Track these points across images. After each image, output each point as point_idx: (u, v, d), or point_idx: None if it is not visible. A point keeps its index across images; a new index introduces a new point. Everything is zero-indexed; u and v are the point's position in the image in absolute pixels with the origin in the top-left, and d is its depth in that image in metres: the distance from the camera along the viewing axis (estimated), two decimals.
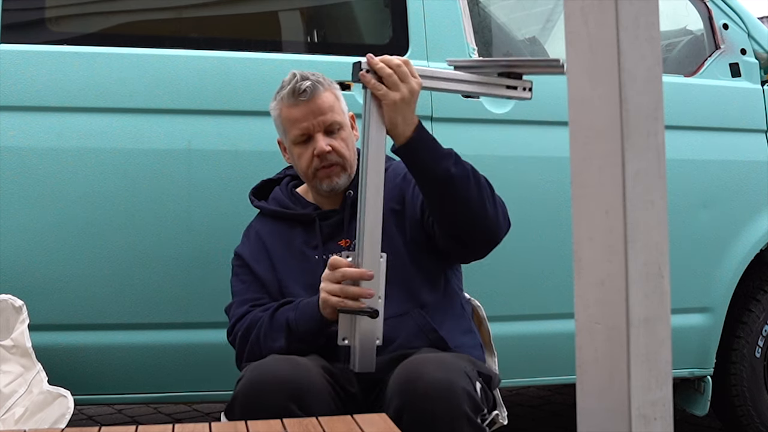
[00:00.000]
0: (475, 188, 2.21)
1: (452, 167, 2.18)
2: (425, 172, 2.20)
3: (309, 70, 2.44)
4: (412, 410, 1.95)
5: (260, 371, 2.07)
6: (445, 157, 2.19)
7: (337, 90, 2.45)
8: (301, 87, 2.36)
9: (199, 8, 3.12)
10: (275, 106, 2.44)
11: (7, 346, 2.49)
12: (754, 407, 3.46)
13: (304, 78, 2.37)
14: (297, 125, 2.39)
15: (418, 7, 3.05)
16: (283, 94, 2.40)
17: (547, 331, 3.14)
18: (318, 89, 2.37)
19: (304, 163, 2.40)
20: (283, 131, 2.45)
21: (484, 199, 2.23)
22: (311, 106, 2.37)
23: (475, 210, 2.22)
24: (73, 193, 2.73)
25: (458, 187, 2.19)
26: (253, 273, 2.41)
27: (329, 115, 2.38)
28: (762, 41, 3.48)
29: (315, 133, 2.38)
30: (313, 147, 2.37)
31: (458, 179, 2.18)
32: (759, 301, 3.45)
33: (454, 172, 2.18)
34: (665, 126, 1.30)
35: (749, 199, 3.38)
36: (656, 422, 1.30)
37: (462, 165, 2.21)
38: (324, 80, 2.41)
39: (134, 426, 1.66)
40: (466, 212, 2.22)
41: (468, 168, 2.22)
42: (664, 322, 1.30)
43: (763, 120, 3.42)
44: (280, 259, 2.40)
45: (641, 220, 1.28)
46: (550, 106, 3.13)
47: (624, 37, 1.27)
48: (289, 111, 2.39)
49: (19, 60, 2.72)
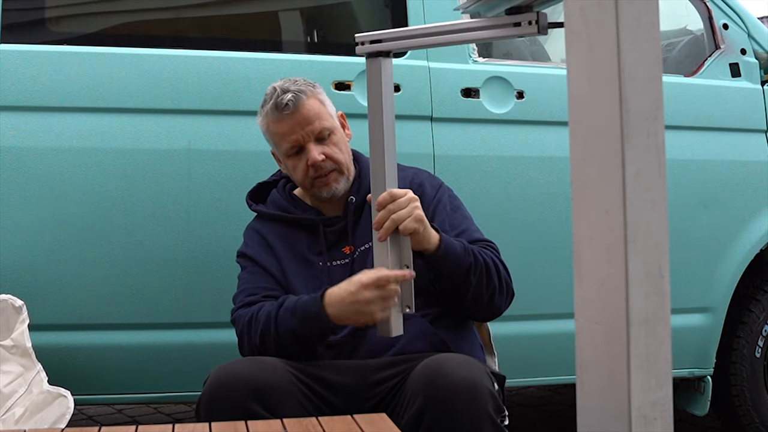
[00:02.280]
0: (485, 280, 2.25)
1: (471, 264, 2.22)
2: (449, 278, 2.23)
3: (291, 77, 2.43)
4: (435, 408, 1.94)
5: (223, 372, 2.07)
6: (464, 255, 2.22)
7: (321, 94, 2.43)
8: (282, 101, 2.34)
9: (198, 8, 3.12)
10: (261, 121, 2.43)
11: (7, 346, 2.49)
12: (754, 407, 3.46)
13: (284, 91, 2.35)
14: (286, 138, 2.38)
15: (418, 7, 3.05)
16: (267, 109, 2.39)
17: (546, 331, 3.15)
18: (300, 99, 2.35)
19: (300, 174, 2.40)
20: (274, 144, 2.44)
21: (494, 290, 2.28)
22: (297, 117, 2.35)
23: (484, 302, 2.28)
24: (73, 193, 2.73)
25: (472, 282, 2.23)
26: (260, 265, 2.40)
27: (317, 123, 2.37)
28: (762, 41, 3.48)
29: (306, 144, 2.37)
30: (306, 158, 2.36)
31: (473, 274, 2.22)
32: (759, 301, 3.46)
33: (472, 272, 2.22)
34: (665, 126, 1.30)
35: (749, 199, 3.38)
36: (656, 422, 1.30)
37: (477, 258, 2.25)
38: (306, 87, 2.39)
39: (134, 426, 1.66)
40: (476, 302, 2.28)
41: (481, 260, 2.26)
42: (664, 322, 1.30)
43: (763, 120, 3.42)
44: (285, 260, 2.39)
45: (641, 220, 1.28)
46: (549, 106, 3.14)
47: (624, 37, 1.27)
48: (276, 125, 2.39)
49: (19, 60, 2.72)
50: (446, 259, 2.18)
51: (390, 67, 2.12)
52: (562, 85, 1.38)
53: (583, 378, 1.37)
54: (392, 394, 2.17)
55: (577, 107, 1.35)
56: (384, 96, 2.10)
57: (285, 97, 2.34)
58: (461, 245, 2.22)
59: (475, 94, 3.08)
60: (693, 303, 3.30)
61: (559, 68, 3.25)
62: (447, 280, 2.21)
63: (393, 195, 2.09)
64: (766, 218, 3.39)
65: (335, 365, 2.24)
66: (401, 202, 2.09)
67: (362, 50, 2.11)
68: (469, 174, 3.00)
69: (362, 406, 2.17)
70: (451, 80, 3.04)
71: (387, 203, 2.09)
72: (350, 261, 2.36)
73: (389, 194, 2.09)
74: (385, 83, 2.10)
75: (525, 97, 3.14)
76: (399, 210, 2.09)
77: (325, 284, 2.31)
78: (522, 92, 3.14)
